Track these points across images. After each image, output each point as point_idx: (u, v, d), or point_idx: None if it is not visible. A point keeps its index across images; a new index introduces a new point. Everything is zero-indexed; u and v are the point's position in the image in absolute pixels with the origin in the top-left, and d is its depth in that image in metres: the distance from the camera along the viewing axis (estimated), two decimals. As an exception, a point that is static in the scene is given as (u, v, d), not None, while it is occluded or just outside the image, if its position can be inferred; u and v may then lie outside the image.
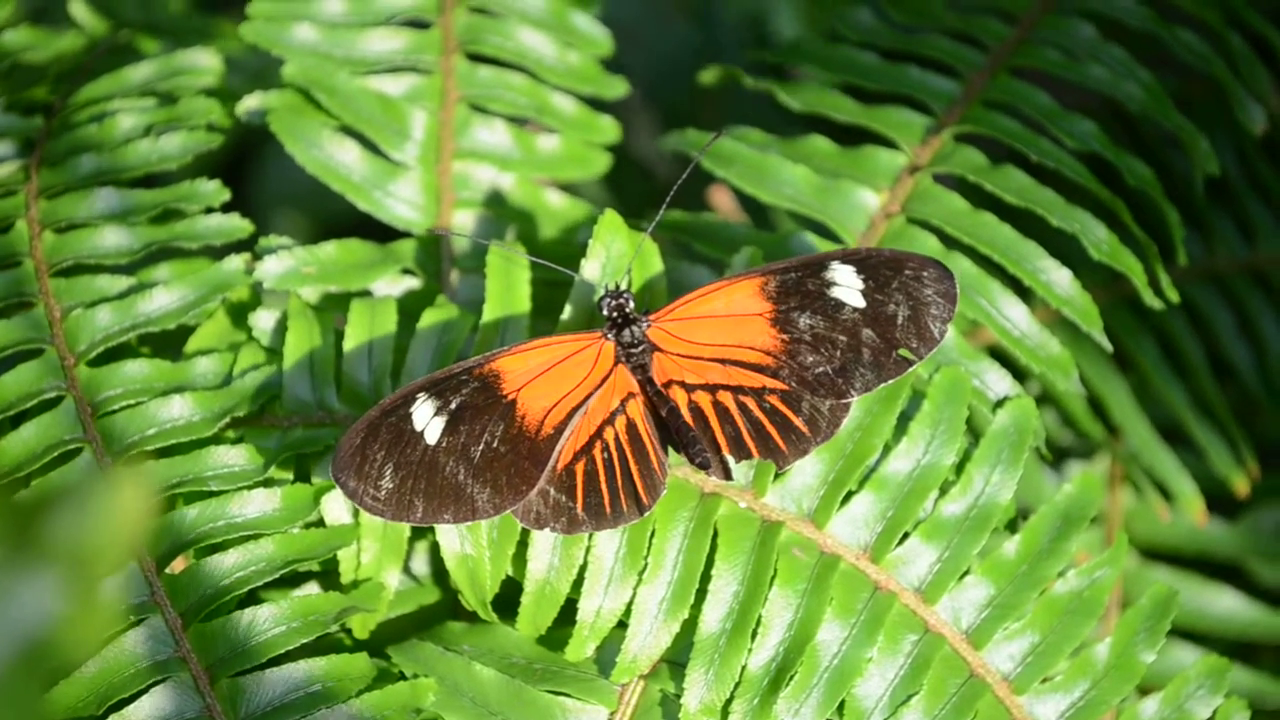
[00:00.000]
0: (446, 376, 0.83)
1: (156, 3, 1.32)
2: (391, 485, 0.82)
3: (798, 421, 0.85)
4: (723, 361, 0.85)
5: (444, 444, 0.82)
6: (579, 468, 0.83)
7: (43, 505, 0.45)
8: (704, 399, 0.85)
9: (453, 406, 0.83)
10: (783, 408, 0.85)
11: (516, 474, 0.83)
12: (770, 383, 0.85)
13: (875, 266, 0.84)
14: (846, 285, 0.84)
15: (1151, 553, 1.20)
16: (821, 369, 0.84)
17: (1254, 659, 1.19)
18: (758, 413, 0.85)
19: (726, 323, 0.85)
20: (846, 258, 0.85)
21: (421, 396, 0.82)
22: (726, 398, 0.85)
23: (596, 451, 0.84)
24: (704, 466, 0.84)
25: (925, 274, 0.84)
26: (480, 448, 0.82)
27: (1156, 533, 1.19)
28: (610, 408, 0.85)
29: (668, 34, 1.52)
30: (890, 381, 0.84)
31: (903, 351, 0.84)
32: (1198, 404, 1.16)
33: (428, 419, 0.82)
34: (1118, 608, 1.14)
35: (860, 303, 0.84)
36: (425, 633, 0.88)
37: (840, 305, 0.84)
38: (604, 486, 0.83)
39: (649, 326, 0.86)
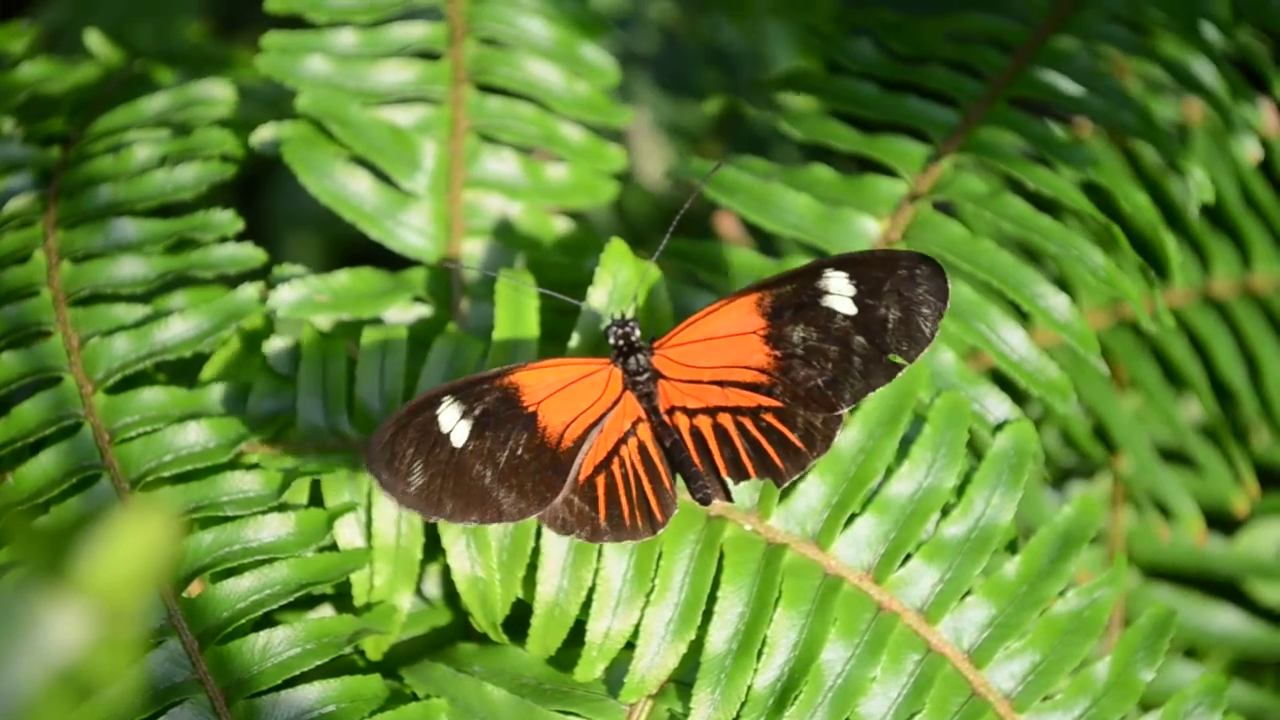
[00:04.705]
0: (469, 384, 0.83)
1: (172, 31, 1.34)
2: (421, 481, 0.82)
3: (793, 438, 0.84)
4: (721, 383, 0.85)
5: (471, 447, 0.82)
6: (600, 480, 0.84)
7: (66, 533, 0.46)
8: (705, 423, 0.85)
9: (477, 412, 0.83)
10: (779, 425, 0.84)
11: (541, 482, 0.83)
12: (765, 401, 0.85)
13: (867, 268, 0.83)
14: (839, 293, 0.84)
15: (1153, 571, 1.21)
16: (813, 382, 0.84)
17: (1255, 676, 1.20)
18: (755, 432, 0.85)
19: (725, 343, 0.85)
20: (839, 264, 0.84)
21: (447, 400, 0.82)
22: (726, 419, 0.85)
23: (615, 467, 0.84)
24: (705, 503, 0.84)
25: (917, 272, 0.83)
26: (506, 454, 0.83)
27: (1157, 552, 1.20)
28: (623, 429, 0.85)
29: (677, 60, 1.53)
30: (880, 388, 0.84)
31: (892, 356, 0.83)
32: (1197, 424, 1.17)
33: (454, 422, 0.82)
34: (1120, 626, 1.15)
35: (852, 310, 0.83)
36: (437, 654, 0.89)
37: (833, 314, 0.84)
38: (623, 500, 0.84)
39: (653, 355, 0.86)
